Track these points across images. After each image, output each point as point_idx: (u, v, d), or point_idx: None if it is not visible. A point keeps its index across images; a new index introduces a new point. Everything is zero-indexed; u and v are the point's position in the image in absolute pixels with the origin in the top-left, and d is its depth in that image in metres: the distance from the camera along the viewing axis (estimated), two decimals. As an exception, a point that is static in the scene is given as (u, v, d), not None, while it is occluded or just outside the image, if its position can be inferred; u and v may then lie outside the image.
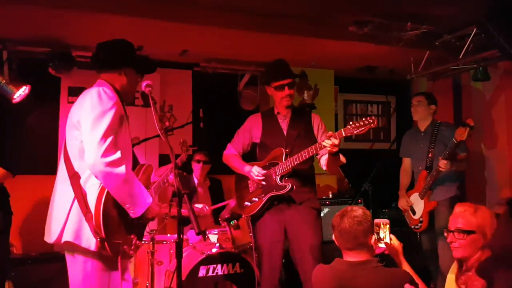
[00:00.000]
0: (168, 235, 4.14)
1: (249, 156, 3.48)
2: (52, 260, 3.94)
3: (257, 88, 5.38)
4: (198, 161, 4.67)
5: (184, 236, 3.91)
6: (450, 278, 2.42)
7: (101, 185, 2.24)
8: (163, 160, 4.88)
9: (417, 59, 5.02)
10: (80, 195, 2.23)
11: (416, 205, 4.28)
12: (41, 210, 4.27)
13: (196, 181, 4.71)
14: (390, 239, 2.37)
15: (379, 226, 2.36)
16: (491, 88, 5.09)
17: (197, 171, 4.69)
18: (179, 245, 2.06)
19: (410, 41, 4.36)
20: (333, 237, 2.33)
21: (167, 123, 2.37)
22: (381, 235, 2.36)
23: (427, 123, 4.35)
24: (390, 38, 4.31)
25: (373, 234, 2.29)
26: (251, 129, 3.40)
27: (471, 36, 4.29)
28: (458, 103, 5.54)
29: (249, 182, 3.33)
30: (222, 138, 3.72)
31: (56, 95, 4.72)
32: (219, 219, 4.06)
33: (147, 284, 3.66)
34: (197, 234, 2.08)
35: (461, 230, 2.22)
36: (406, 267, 2.37)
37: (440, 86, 5.52)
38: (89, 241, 2.22)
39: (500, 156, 5.01)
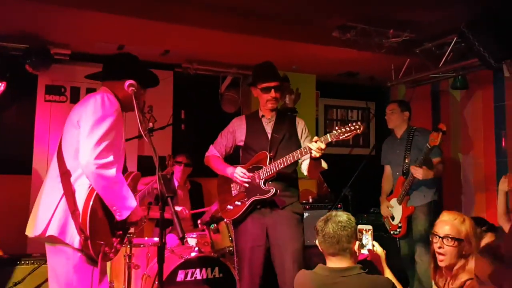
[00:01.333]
0: (146, 238, 4.07)
1: (232, 160, 3.45)
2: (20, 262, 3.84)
3: (239, 90, 5.36)
4: (180, 163, 4.60)
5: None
6: None
7: (91, 185, 2.32)
8: (142, 162, 4.79)
9: (397, 66, 5.08)
10: (69, 192, 2.30)
11: (395, 210, 4.33)
12: (11, 211, 4.17)
13: (176, 183, 4.65)
14: (373, 245, 2.37)
15: (362, 232, 2.36)
16: (469, 96, 5.19)
17: (178, 173, 4.62)
18: (161, 249, 2.02)
19: (392, 48, 4.41)
20: (317, 241, 2.31)
21: (150, 124, 2.37)
22: (364, 241, 2.35)
23: (403, 130, 4.41)
24: (372, 44, 4.35)
25: (357, 239, 2.29)
26: (235, 132, 3.36)
27: (452, 45, 4.36)
28: (437, 110, 5.63)
29: (232, 185, 3.29)
30: (203, 141, 3.67)
31: (32, 93, 4.60)
32: (198, 222, 4.02)
33: (124, 288, 3.58)
34: (181, 238, 2.06)
35: (452, 237, 2.29)
36: (388, 274, 2.37)
37: (419, 93, 5.60)
38: (73, 238, 2.28)
39: (476, 163, 5.11)
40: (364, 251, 2.33)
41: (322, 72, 5.62)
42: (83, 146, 2.30)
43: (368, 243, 2.33)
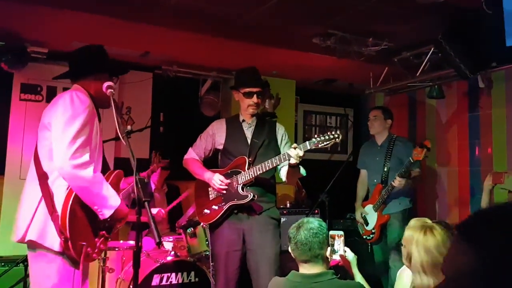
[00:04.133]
0: (121, 241, 4.02)
1: (210, 163, 3.44)
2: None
3: (218, 94, 5.36)
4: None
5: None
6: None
7: (70, 186, 2.28)
8: (119, 164, 4.73)
9: (376, 74, 5.15)
10: (47, 194, 2.27)
11: (370, 216, 4.38)
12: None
13: (153, 186, 4.61)
14: (345, 251, 2.40)
15: (334, 238, 2.39)
16: (445, 106, 5.30)
17: (155, 176, 4.59)
18: (136, 254, 2.00)
19: (370, 56, 4.47)
20: (289, 249, 2.32)
21: (128, 127, 2.35)
22: (336, 247, 2.38)
23: (384, 137, 4.46)
24: (352, 52, 4.40)
25: (329, 245, 2.31)
26: (215, 135, 3.36)
27: (429, 55, 4.44)
28: (413, 118, 5.73)
29: (209, 189, 3.27)
30: (181, 144, 3.65)
31: (7, 92, 4.51)
32: (176, 226, 3.99)
33: (97, 292, 3.53)
34: (157, 244, 2.05)
35: None
36: (359, 279, 2.40)
37: (396, 101, 5.69)
38: (53, 241, 2.25)
39: (450, 173, 5.21)
40: (336, 257, 2.36)
41: (302, 78, 5.67)
42: (56, 147, 2.26)
43: (340, 249, 2.36)
